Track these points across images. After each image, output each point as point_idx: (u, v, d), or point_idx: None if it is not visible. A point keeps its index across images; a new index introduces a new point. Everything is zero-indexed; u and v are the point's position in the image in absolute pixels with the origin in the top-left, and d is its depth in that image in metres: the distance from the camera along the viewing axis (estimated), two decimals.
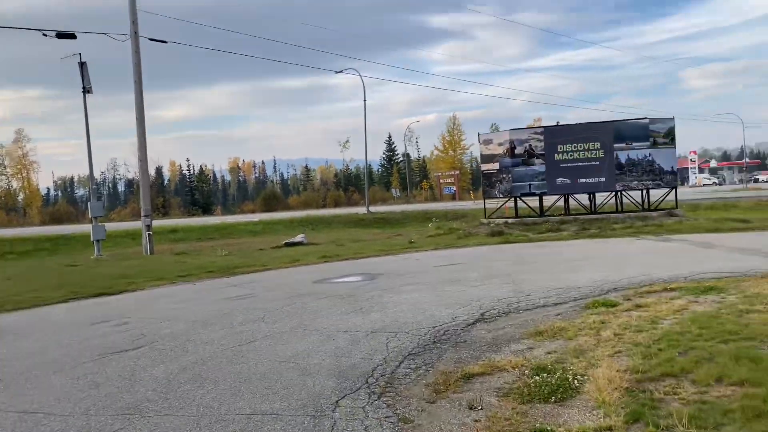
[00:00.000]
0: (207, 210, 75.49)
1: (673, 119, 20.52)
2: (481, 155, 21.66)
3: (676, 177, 20.86)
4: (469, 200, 65.17)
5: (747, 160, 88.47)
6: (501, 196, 21.34)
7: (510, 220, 20.95)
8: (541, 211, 21.60)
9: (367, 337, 6.77)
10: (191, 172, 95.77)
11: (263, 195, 70.92)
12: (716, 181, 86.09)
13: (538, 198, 21.52)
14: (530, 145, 20.52)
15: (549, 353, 5.74)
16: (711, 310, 6.96)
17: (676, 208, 20.83)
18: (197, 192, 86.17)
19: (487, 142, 21.43)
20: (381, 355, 6.01)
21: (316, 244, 21.14)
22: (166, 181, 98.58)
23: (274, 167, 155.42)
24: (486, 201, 22.71)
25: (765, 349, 5.22)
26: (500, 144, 20.97)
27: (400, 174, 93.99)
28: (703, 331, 5.95)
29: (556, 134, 20.44)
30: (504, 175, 20.88)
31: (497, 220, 21.22)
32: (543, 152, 20.45)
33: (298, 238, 21.58)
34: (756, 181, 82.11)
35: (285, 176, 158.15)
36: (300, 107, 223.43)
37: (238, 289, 11.34)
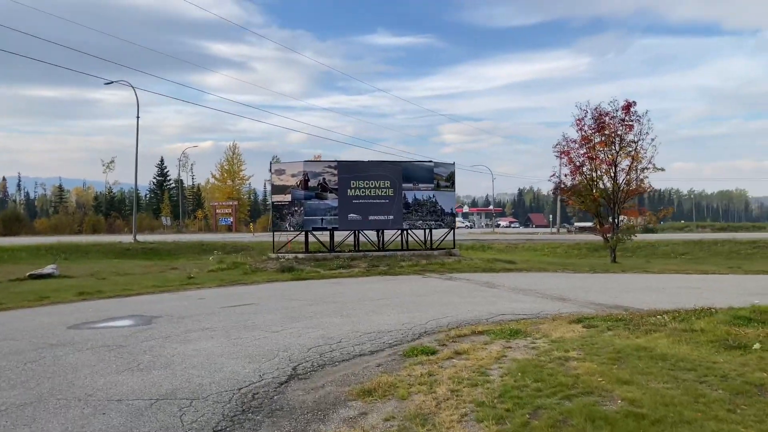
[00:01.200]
0: None
1: (453, 165, 21.76)
2: (273, 185, 20.51)
3: (455, 219, 22.05)
4: (248, 232, 63.06)
5: (493, 207, 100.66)
6: (291, 229, 20.36)
7: (300, 255, 20.02)
8: (332, 247, 21.09)
9: (153, 407, 5.12)
10: None
11: (2, 216, 60.03)
12: (468, 224, 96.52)
13: (329, 233, 20.99)
14: (324, 179, 19.98)
15: (388, 420, 4.79)
16: (531, 359, 6.72)
17: (454, 247, 21.96)
18: None
19: (280, 172, 20.37)
20: None
21: (72, 278, 17.78)
22: None
23: (19, 185, 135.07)
24: (275, 234, 21.50)
25: (608, 406, 4.94)
26: (293, 175, 20.06)
27: (172, 201, 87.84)
28: (539, 384, 5.57)
29: (349, 169, 20.22)
30: (296, 208, 19.97)
31: (287, 255, 20.13)
32: (336, 187, 20.05)
33: (48, 269, 17.95)
34: (498, 226, 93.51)
35: (32, 196, 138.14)
36: (55, 120, 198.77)
37: None
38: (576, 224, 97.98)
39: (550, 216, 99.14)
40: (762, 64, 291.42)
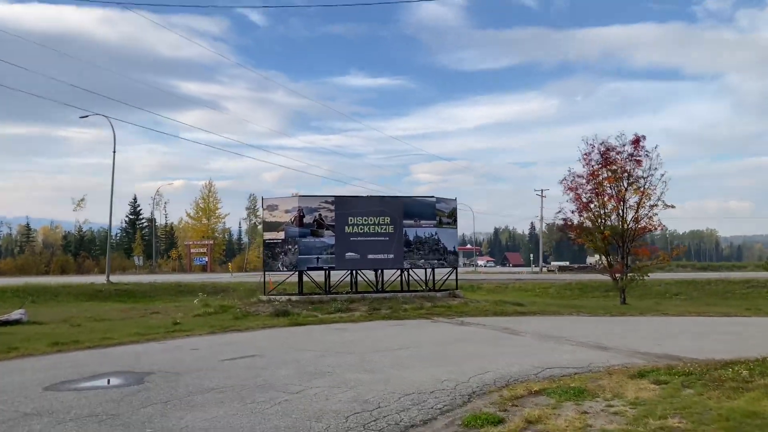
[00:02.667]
0: None
1: (455, 200, 20.71)
2: (264, 222, 19.14)
3: (458, 257, 20.87)
4: (225, 272, 60.94)
5: (473, 246, 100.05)
6: (285, 269, 18.92)
7: (294, 298, 18.55)
8: (328, 288, 19.67)
9: None
10: None
11: None
12: None
13: (324, 273, 19.60)
14: (320, 215, 18.71)
15: None
16: (629, 430, 5.50)
17: (457, 288, 20.72)
18: None
19: (272, 207, 19.05)
20: None
21: (42, 324, 16.02)
22: None
23: None
24: (266, 274, 20.02)
25: None
26: (287, 211, 18.76)
27: (144, 240, 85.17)
28: None
29: (347, 205, 19.01)
30: (290, 246, 18.59)
31: (280, 298, 18.64)
32: (333, 223, 18.79)
33: (15, 314, 16.17)
34: (476, 265, 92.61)
35: None
36: (22, 158, 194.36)
37: None
38: (553, 263, 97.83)
39: (530, 255, 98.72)
40: (723, 108, 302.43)
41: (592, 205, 20.74)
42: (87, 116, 35.98)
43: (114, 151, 35.96)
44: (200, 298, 19.16)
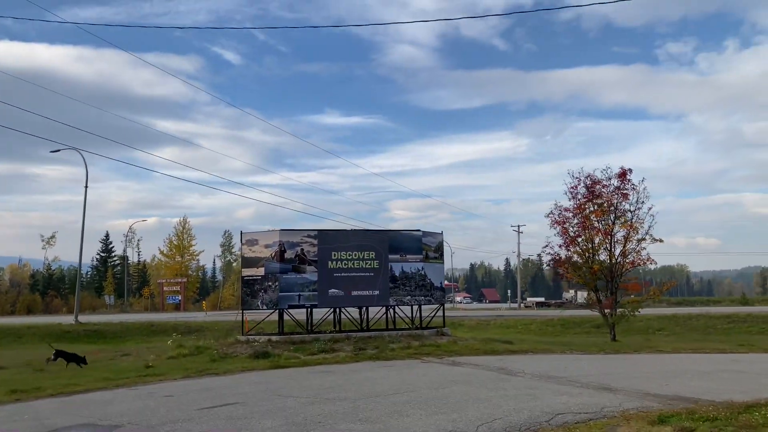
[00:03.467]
0: None
1: (441, 234, 20.13)
2: (243, 257, 18.25)
3: (444, 294, 20.17)
4: (200, 311, 59.17)
5: (451, 282, 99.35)
6: (264, 307, 17.98)
7: (274, 338, 17.57)
8: (310, 327, 18.74)
9: None
10: None
11: None
12: None
13: (306, 311, 18.70)
14: (302, 249, 17.91)
15: None
16: None
17: (444, 326, 19.96)
18: None
19: (252, 242, 18.20)
20: None
21: (2, 369, 14.83)
22: None
23: None
24: (245, 313, 19.02)
25: None
26: (267, 246, 17.92)
27: (116, 279, 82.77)
28: None
29: (330, 239, 18.26)
30: (269, 283, 17.70)
31: (259, 338, 17.64)
32: (316, 258, 18.00)
33: None
34: (453, 301, 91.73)
35: None
36: None
37: None
38: (529, 299, 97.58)
39: (508, 291, 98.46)
40: (688, 146, 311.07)
41: (579, 240, 20.33)
42: (59, 150, 35.00)
43: (86, 186, 34.87)
44: (174, 339, 18.08)
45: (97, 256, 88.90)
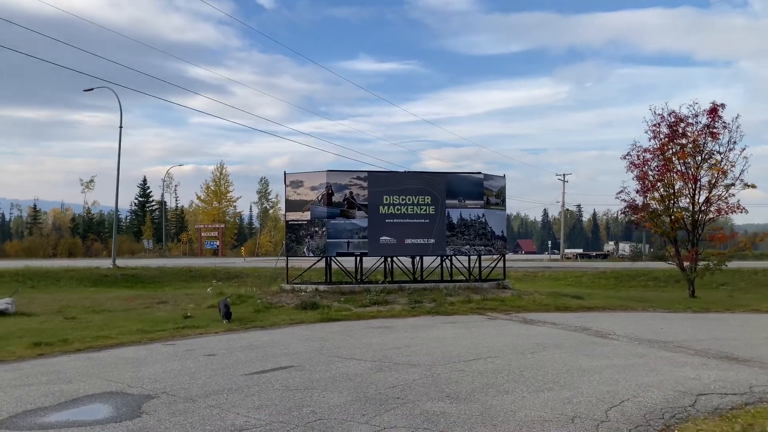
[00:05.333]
0: None
1: (504, 177, 18.17)
2: (287, 200, 16.68)
3: (506, 244, 18.37)
4: (238, 257, 58.80)
5: None
6: (310, 254, 16.50)
7: (322, 287, 16.14)
8: (360, 277, 17.25)
9: None
10: None
11: None
12: None
13: (354, 259, 17.18)
14: (351, 193, 16.24)
15: None
16: None
17: (504, 278, 18.25)
18: None
19: (296, 184, 16.58)
20: None
21: (31, 316, 13.76)
22: None
23: None
24: (289, 259, 17.57)
25: None
26: (313, 188, 16.29)
27: (154, 223, 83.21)
28: None
29: (382, 182, 16.51)
30: (316, 229, 16.15)
31: (305, 287, 16.24)
32: (366, 203, 16.32)
33: (1, 304, 13.90)
34: None
35: (8, 218, 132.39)
36: (33, 142, 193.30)
37: None
38: (567, 250, 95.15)
39: (548, 242, 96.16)
40: (737, 93, 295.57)
41: (659, 185, 18.10)
42: (92, 89, 33.63)
43: (120, 126, 33.68)
44: (213, 286, 16.83)
45: (136, 201, 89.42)
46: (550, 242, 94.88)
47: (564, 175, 72.43)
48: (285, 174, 16.86)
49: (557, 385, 6.66)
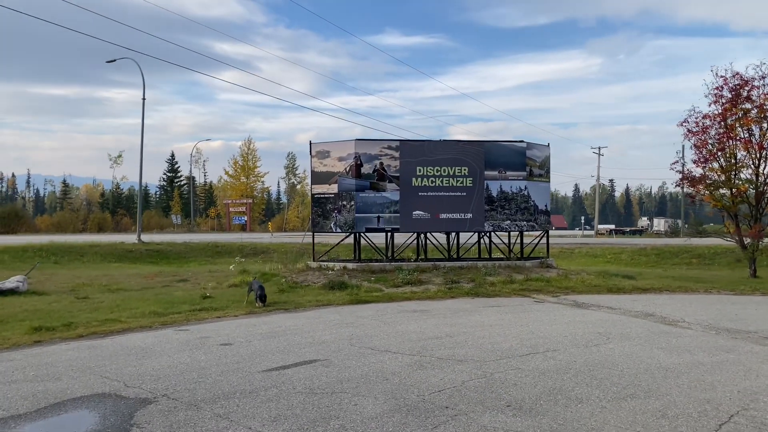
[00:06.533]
0: None
1: (548, 146, 16.73)
2: (313, 172, 15.54)
3: (549, 219, 16.98)
4: (266, 232, 58.29)
5: None
6: (338, 230, 15.39)
7: (350, 266, 15.05)
8: (392, 254, 16.11)
9: None
10: None
11: (0, 213, 55.58)
12: None
13: (385, 235, 16.03)
14: (382, 164, 15.02)
15: None
16: None
17: (548, 256, 16.91)
18: None
19: (323, 154, 15.41)
20: None
21: (42, 294, 12.96)
22: None
23: (28, 182, 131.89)
24: (315, 235, 16.53)
25: None
26: (341, 159, 15.11)
27: (183, 199, 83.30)
28: None
29: (415, 152, 15.24)
30: (344, 202, 15.00)
31: (333, 265, 15.16)
32: (397, 174, 15.10)
33: (12, 282, 13.13)
34: None
35: (42, 193, 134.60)
36: (65, 119, 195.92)
37: None
38: (600, 226, 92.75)
39: (582, 218, 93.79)
40: None
41: (719, 154, 16.45)
42: (114, 60, 32.83)
43: (143, 98, 32.93)
44: (237, 263, 15.86)
45: (164, 177, 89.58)
46: (583, 218, 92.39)
47: (600, 148, 70.05)
48: (311, 144, 15.69)
49: (640, 391, 5.42)
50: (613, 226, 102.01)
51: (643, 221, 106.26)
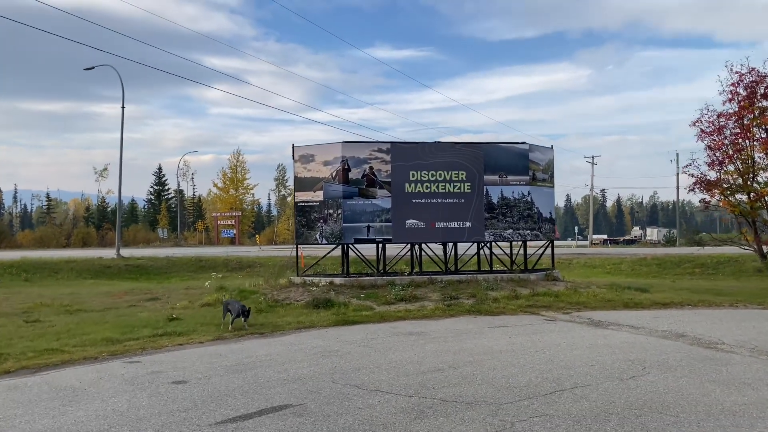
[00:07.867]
0: None
1: (552, 149, 15.47)
2: (296, 178, 14.18)
3: (554, 227, 15.67)
4: (254, 245, 56.70)
5: None
6: (324, 241, 14.00)
7: (338, 280, 13.65)
8: (383, 267, 14.71)
9: None
10: None
11: None
12: None
13: (376, 246, 14.65)
14: (371, 168, 13.67)
15: None
16: None
17: (553, 267, 15.58)
18: None
19: (307, 158, 14.05)
20: None
21: None
22: None
23: (15, 197, 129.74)
24: (302, 247, 15.12)
25: None
26: (327, 163, 13.76)
27: (171, 212, 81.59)
28: None
29: (408, 154, 13.92)
30: (330, 211, 13.63)
31: (318, 280, 13.74)
32: (389, 179, 13.76)
33: None
34: None
35: (30, 209, 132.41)
36: (56, 134, 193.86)
37: None
38: (593, 236, 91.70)
39: (575, 227, 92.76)
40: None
41: (736, 156, 15.25)
42: (93, 68, 31.44)
43: (123, 106, 31.54)
44: (213, 279, 14.42)
45: (151, 190, 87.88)
46: (576, 228, 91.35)
47: (593, 157, 69.18)
48: (293, 147, 14.33)
49: None
50: (605, 236, 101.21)
51: (636, 231, 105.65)
